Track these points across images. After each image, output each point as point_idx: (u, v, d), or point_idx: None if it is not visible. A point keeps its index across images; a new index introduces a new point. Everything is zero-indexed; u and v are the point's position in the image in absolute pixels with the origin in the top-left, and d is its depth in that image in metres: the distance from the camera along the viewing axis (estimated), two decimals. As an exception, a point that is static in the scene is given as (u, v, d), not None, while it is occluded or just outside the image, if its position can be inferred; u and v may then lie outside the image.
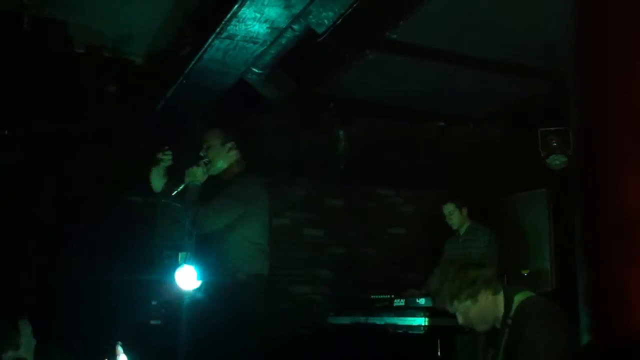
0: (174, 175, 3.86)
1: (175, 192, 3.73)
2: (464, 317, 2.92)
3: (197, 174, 3.71)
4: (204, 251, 3.75)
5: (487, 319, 2.90)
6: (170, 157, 3.86)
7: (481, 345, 3.10)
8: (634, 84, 1.99)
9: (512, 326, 2.84)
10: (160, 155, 3.85)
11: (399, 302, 4.86)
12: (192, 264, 3.72)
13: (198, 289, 3.70)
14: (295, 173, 6.03)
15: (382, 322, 4.81)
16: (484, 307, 2.88)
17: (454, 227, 5.60)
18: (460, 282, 2.88)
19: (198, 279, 3.66)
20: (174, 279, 3.77)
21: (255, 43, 4.14)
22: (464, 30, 4.60)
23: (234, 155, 3.84)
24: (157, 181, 3.90)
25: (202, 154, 3.79)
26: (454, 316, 3.94)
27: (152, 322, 4.72)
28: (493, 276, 2.93)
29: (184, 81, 4.69)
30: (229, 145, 3.82)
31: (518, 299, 2.89)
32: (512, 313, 2.88)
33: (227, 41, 4.10)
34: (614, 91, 2.02)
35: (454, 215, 5.56)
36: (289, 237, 6.07)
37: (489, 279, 2.90)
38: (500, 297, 2.90)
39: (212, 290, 3.66)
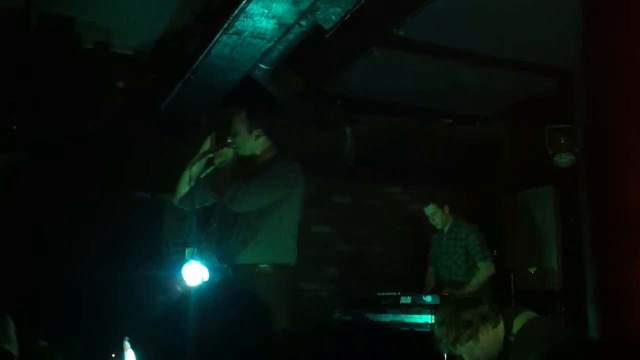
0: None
1: (204, 174, 3.59)
2: (470, 356, 2.85)
3: (228, 155, 3.57)
4: (233, 235, 3.57)
5: (492, 352, 2.84)
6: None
7: None
8: (639, 83, 1.99)
9: (515, 349, 2.79)
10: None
11: (406, 300, 4.86)
12: (199, 259, 3.70)
13: (209, 280, 3.60)
14: (303, 170, 6.02)
15: (388, 320, 4.81)
16: (486, 342, 2.81)
17: (438, 227, 5.56)
18: (457, 326, 2.79)
19: (209, 268, 3.58)
20: (181, 275, 3.76)
21: (262, 39, 4.14)
22: (471, 27, 4.59)
23: (263, 141, 3.70)
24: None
25: (229, 140, 3.65)
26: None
27: (161, 318, 4.72)
28: (489, 310, 2.84)
29: (191, 77, 4.69)
30: (255, 132, 3.69)
31: (519, 321, 2.85)
32: (513, 333, 2.83)
33: (235, 37, 4.10)
34: (620, 90, 2.02)
35: (437, 216, 5.51)
36: (298, 233, 6.06)
37: (485, 315, 2.82)
38: (501, 327, 2.84)
39: (227, 281, 3.52)
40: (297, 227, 3.66)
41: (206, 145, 3.64)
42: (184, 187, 3.69)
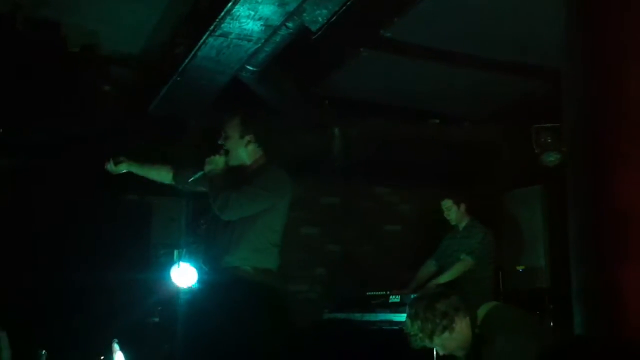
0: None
1: (192, 178, 3.66)
2: (444, 348, 2.93)
3: (219, 162, 3.63)
4: (219, 240, 3.63)
5: (464, 343, 2.91)
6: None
7: None
8: (629, 84, 2.00)
9: (480, 337, 2.88)
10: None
11: (395, 299, 4.88)
12: (188, 261, 3.70)
13: (197, 282, 3.64)
14: (291, 171, 6.02)
15: (378, 319, 4.83)
16: (460, 333, 2.89)
17: (452, 223, 5.65)
18: (433, 318, 2.87)
19: (198, 271, 3.61)
20: (170, 277, 3.76)
21: (249, 41, 4.15)
22: (459, 28, 4.61)
23: (253, 148, 3.74)
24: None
25: (220, 142, 3.70)
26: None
27: (150, 319, 4.73)
28: (459, 301, 2.93)
29: (178, 79, 4.69)
30: (247, 138, 3.72)
31: (482, 310, 2.94)
32: (478, 323, 2.92)
33: (221, 39, 4.11)
34: (609, 91, 2.03)
35: (452, 211, 5.61)
36: (286, 235, 6.06)
37: (458, 306, 2.90)
38: (468, 318, 2.92)
39: (212, 284, 3.59)
40: (281, 235, 3.72)
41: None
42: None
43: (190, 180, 3.69)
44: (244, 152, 3.73)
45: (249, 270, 3.56)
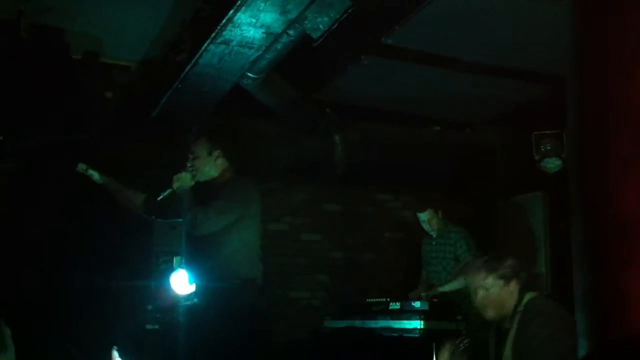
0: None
1: (161, 197, 3.73)
2: (486, 294, 3.04)
3: (186, 180, 3.71)
4: (200, 255, 3.74)
5: (502, 306, 3.03)
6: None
7: (491, 344, 3.17)
8: (631, 88, 2.00)
9: (520, 321, 2.96)
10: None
11: (395, 305, 4.87)
12: (187, 268, 3.72)
13: (193, 294, 3.69)
14: (294, 178, 6.04)
15: (378, 326, 4.82)
16: (507, 293, 3.02)
17: (433, 234, 5.57)
18: (503, 262, 3.05)
19: (191, 283, 3.66)
20: (169, 284, 3.77)
21: (250, 48, 4.16)
22: (459, 35, 4.61)
23: (222, 162, 3.84)
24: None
25: (188, 164, 3.80)
26: (449, 319, 4.02)
27: (148, 327, 4.73)
28: (526, 274, 3.11)
29: (180, 86, 4.70)
30: (215, 154, 3.83)
31: (527, 296, 3.03)
32: (520, 308, 3.00)
33: (223, 46, 4.12)
34: (612, 95, 2.03)
35: (433, 221, 5.54)
36: (288, 242, 6.08)
37: (522, 274, 3.07)
38: (517, 293, 3.04)
39: (208, 295, 3.65)
40: (257, 243, 3.78)
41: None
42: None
43: (159, 198, 3.75)
44: (212, 167, 3.83)
45: (237, 283, 3.63)
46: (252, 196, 3.79)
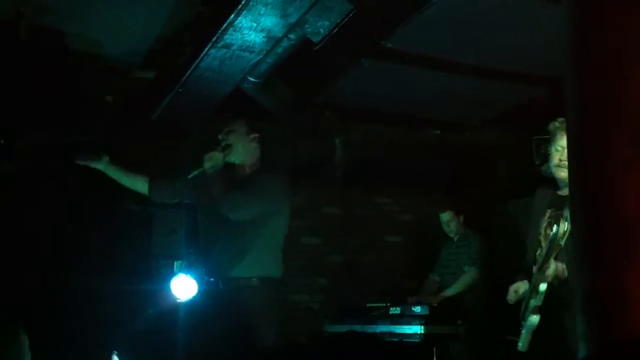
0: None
1: (192, 175, 3.56)
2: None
3: (218, 158, 3.56)
4: (220, 246, 3.60)
5: None
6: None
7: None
8: (630, 89, 1.99)
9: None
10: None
11: (395, 310, 4.87)
12: (188, 272, 3.70)
13: (200, 292, 3.62)
14: (293, 181, 6.03)
15: (378, 330, 4.82)
16: None
17: (452, 235, 5.62)
18: None
19: (198, 281, 3.59)
20: (170, 288, 3.76)
21: (251, 52, 4.16)
22: (459, 37, 4.62)
23: (255, 147, 3.70)
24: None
25: (221, 137, 3.65)
26: (450, 324, 3.99)
27: (150, 331, 4.72)
28: None
29: (180, 90, 4.70)
30: (252, 135, 3.70)
31: None
32: None
33: (224, 50, 4.12)
34: (611, 97, 2.02)
35: (452, 223, 5.60)
36: (287, 245, 6.05)
37: None
38: None
39: (216, 294, 3.55)
40: (283, 241, 3.70)
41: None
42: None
43: (189, 176, 3.58)
44: (246, 148, 3.68)
45: (255, 281, 3.51)
46: (289, 192, 3.69)
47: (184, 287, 3.66)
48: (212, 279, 3.61)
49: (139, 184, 3.91)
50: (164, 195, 3.92)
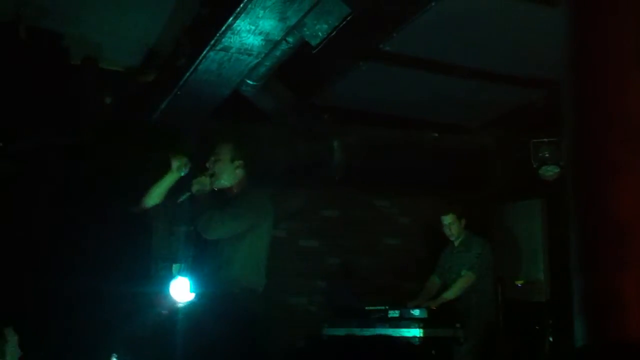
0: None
1: (180, 200, 3.73)
2: None
3: (206, 183, 3.71)
4: (205, 260, 3.73)
5: None
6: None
7: None
8: (625, 93, 2.00)
9: None
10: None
11: (394, 313, 4.87)
12: (186, 275, 3.72)
13: (193, 300, 3.68)
14: (291, 183, 6.03)
15: (377, 333, 4.82)
16: None
17: (452, 238, 5.58)
18: None
19: (192, 290, 3.66)
20: (168, 291, 3.77)
21: (249, 55, 4.17)
22: (456, 41, 4.63)
23: (240, 174, 3.85)
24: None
25: (208, 165, 3.79)
26: (448, 327, 3.98)
27: (149, 334, 4.72)
28: None
29: (179, 92, 4.70)
30: (237, 163, 3.83)
31: None
32: None
33: (222, 53, 4.12)
34: (606, 100, 2.03)
35: (454, 226, 5.54)
36: (285, 248, 6.07)
37: None
38: None
39: (207, 302, 3.65)
40: (265, 254, 3.79)
41: (180, 166, 3.74)
42: (153, 200, 3.86)
43: (178, 201, 3.77)
44: (231, 175, 3.82)
45: (239, 293, 3.63)
46: (267, 207, 3.83)
47: (182, 290, 3.67)
48: (199, 290, 3.73)
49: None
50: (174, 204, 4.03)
